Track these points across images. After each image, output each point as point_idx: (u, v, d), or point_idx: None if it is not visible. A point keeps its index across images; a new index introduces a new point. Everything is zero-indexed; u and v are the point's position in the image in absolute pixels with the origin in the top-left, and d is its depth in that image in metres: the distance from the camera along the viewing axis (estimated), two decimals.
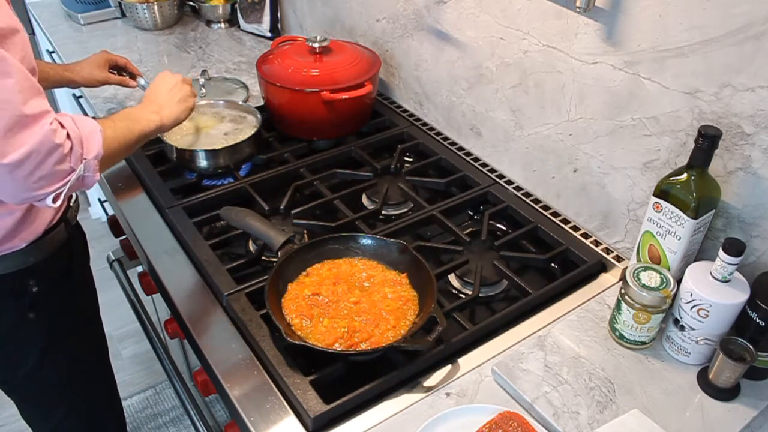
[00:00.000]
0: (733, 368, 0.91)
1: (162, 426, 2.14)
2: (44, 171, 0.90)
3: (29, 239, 1.09)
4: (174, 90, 1.23)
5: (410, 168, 1.46)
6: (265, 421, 0.92)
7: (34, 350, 1.19)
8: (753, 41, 0.89)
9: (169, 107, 1.20)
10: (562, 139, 1.25)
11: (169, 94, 1.22)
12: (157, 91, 1.22)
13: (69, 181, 0.94)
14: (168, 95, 1.21)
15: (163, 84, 1.23)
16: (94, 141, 0.97)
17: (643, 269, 0.99)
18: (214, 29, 2.16)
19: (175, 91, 1.23)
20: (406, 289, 1.07)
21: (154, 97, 1.21)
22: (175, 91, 1.22)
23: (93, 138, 0.97)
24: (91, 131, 0.98)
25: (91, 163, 0.97)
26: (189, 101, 1.25)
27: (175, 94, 1.22)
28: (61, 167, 0.92)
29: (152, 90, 1.22)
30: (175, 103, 1.21)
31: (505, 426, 0.88)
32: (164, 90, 1.22)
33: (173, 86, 1.23)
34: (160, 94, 1.21)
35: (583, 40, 1.13)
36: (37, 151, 0.88)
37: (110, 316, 1.47)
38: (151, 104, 1.19)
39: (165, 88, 1.22)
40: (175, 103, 1.21)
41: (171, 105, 1.20)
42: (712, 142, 0.93)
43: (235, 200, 1.33)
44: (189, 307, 1.11)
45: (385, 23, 1.64)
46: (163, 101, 1.20)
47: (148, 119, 1.14)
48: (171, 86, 1.23)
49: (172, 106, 1.21)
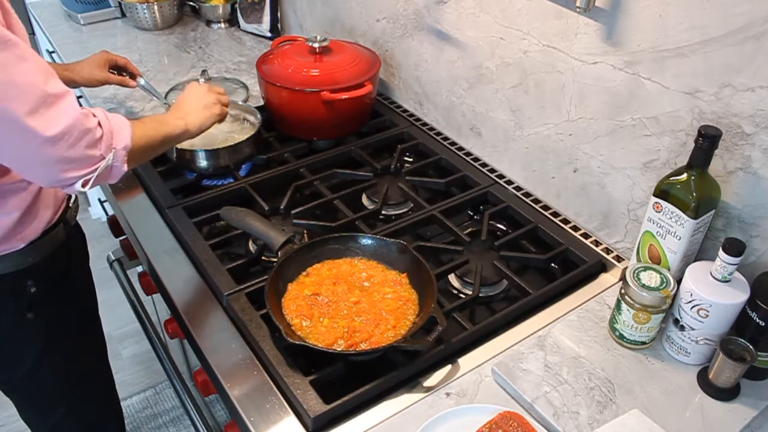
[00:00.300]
0: (733, 368, 0.91)
1: (162, 426, 2.14)
2: (77, 153, 0.92)
3: (28, 240, 1.09)
4: (200, 97, 1.26)
5: (410, 168, 1.46)
6: (265, 421, 0.92)
7: (32, 350, 1.19)
8: (753, 41, 0.89)
9: (194, 114, 1.23)
10: (562, 139, 1.25)
11: (196, 101, 1.25)
12: (185, 99, 1.26)
13: (98, 168, 0.96)
14: (194, 102, 1.25)
15: (191, 92, 1.27)
16: (124, 133, 1.01)
17: (643, 269, 0.99)
18: (214, 29, 2.16)
19: (200, 98, 1.26)
20: (406, 289, 1.07)
21: (181, 104, 1.25)
22: (201, 98, 1.26)
23: (122, 130, 1.01)
24: (121, 125, 1.01)
25: (120, 153, 0.99)
26: (215, 108, 1.27)
27: (201, 101, 1.25)
28: (91, 152, 0.95)
29: (181, 98, 1.26)
30: (200, 109, 1.24)
31: (505, 426, 0.88)
32: (192, 97, 1.26)
33: (200, 94, 1.27)
34: (187, 101, 1.25)
35: (583, 40, 1.13)
36: (70, 131, 0.90)
37: (110, 316, 1.47)
38: (178, 111, 1.22)
39: (193, 96, 1.26)
40: (200, 109, 1.24)
41: (196, 111, 1.23)
42: (712, 142, 0.93)
43: (235, 200, 1.33)
44: (189, 307, 1.11)
45: (385, 23, 1.64)
46: (190, 108, 1.24)
47: (174, 124, 1.17)
48: (198, 93, 1.27)
49: (197, 112, 1.24)
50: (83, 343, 1.31)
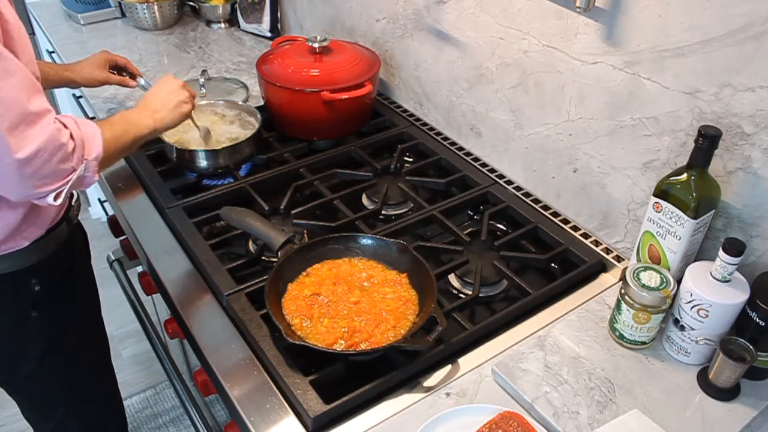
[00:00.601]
0: (733, 368, 0.91)
1: (162, 426, 2.14)
2: (49, 169, 0.92)
3: (32, 238, 1.10)
4: (171, 95, 1.24)
5: (410, 168, 1.46)
6: (265, 421, 0.92)
7: (35, 349, 1.19)
8: (753, 41, 0.89)
9: (163, 112, 1.21)
10: (562, 139, 1.25)
11: (167, 98, 1.23)
12: (155, 95, 1.23)
13: (70, 180, 0.96)
14: (164, 99, 1.23)
15: (162, 88, 1.25)
16: (95, 142, 1.00)
17: (643, 269, 0.99)
18: (214, 29, 2.16)
19: (172, 96, 1.24)
20: (406, 289, 1.07)
21: (150, 101, 1.22)
22: (172, 97, 1.23)
23: (94, 140, 1.00)
24: (93, 133, 1.01)
25: (92, 163, 0.99)
26: (184, 107, 1.25)
27: (172, 99, 1.23)
28: (64, 166, 0.94)
29: (150, 93, 1.24)
30: (170, 109, 1.22)
31: (505, 426, 0.88)
32: (162, 94, 1.23)
33: (171, 91, 1.24)
34: (157, 98, 1.23)
35: (583, 40, 1.13)
36: (44, 148, 0.90)
37: (110, 316, 1.47)
38: (146, 108, 1.20)
39: (164, 92, 1.24)
40: (170, 108, 1.22)
41: (165, 110, 1.22)
42: (712, 142, 0.93)
43: (235, 200, 1.33)
44: (189, 307, 1.11)
45: (385, 23, 1.64)
46: (159, 105, 1.21)
47: (143, 124, 1.16)
48: (169, 91, 1.24)
49: (166, 111, 1.22)
50: (86, 342, 1.31)
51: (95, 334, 1.36)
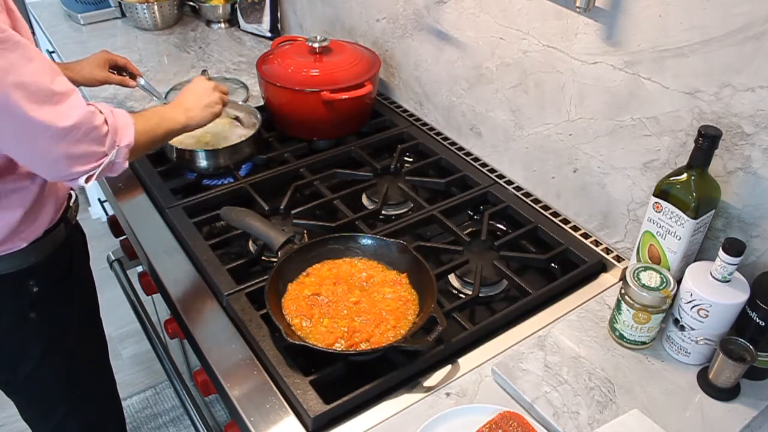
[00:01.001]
0: (733, 368, 0.91)
1: (162, 426, 2.14)
2: (83, 149, 0.95)
3: (30, 239, 1.10)
4: (203, 95, 1.28)
5: (410, 168, 1.46)
6: (265, 421, 0.92)
7: (34, 350, 1.19)
8: (753, 41, 0.89)
9: (195, 110, 1.25)
10: (562, 139, 1.25)
11: (199, 98, 1.27)
12: (189, 94, 1.28)
13: (102, 164, 0.99)
14: (197, 99, 1.27)
15: (195, 88, 1.30)
16: (128, 131, 1.03)
17: (643, 269, 0.99)
18: (214, 29, 2.16)
19: (204, 96, 1.28)
20: (406, 289, 1.07)
21: (184, 99, 1.27)
22: (204, 96, 1.28)
23: (127, 128, 1.03)
24: (126, 122, 1.04)
25: (123, 150, 1.02)
26: (215, 107, 1.29)
27: (203, 99, 1.27)
28: (97, 149, 0.97)
29: (185, 92, 1.29)
30: (202, 107, 1.26)
31: (505, 426, 0.88)
32: (195, 93, 1.28)
33: (203, 91, 1.29)
34: (191, 97, 1.27)
35: (583, 40, 1.13)
36: (79, 126, 0.93)
37: (110, 316, 1.47)
38: (180, 105, 1.24)
39: (197, 92, 1.28)
40: (201, 107, 1.26)
41: (198, 108, 1.26)
42: (712, 142, 0.93)
43: (235, 200, 1.33)
44: (189, 307, 1.11)
45: (385, 23, 1.64)
46: (192, 104, 1.26)
47: (175, 119, 1.20)
48: (201, 91, 1.29)
49: (199, 109, 1.26)
50: (85, 343, 1.31)
51: (94, 334, 1.36)
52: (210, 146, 1.42)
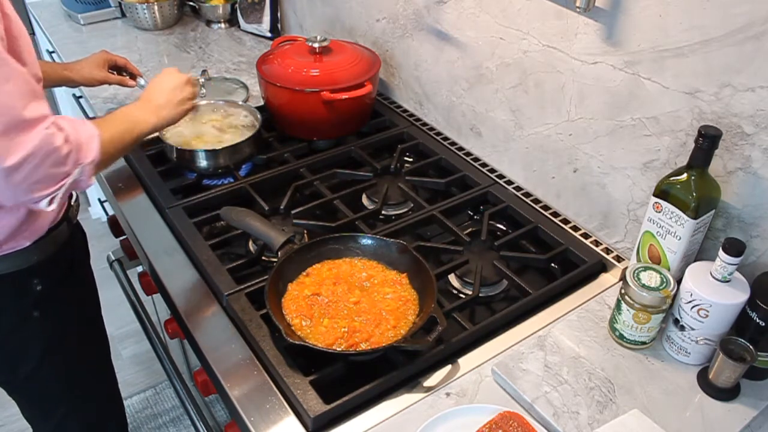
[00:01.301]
0: (733, 368, 0.91)
1: (162, 426, 2.14)
2: (40, 174, 0.91)
3: (33, 238, 1.09)
4: (176, 91, 1.21)
5: (410, 168, 1.46)
6: (265, 421, 0.92)
7: (36, 349, 1.19)
8: (753, 41, 0.89)
9: (167, 108, 1.19)
10: (562, 139, 1.25)
11: (171, 94, 1.21)
12: (159, 89, 1.20)
13: (64, 184, 0.95)
14: (169, 95, 1.20)
15: (166, 82, 1.22)
16: (92, 146, 0.98)
17: (643, 269, 0.99)
18: (214, 29, 2.16)
19: (176, 92, 1.21)
20: (406, 289, 1.07)
21: (154, 96, 1.19)
22: (177, 93, 1.21)
23: (91, 143, 0.98)
24: (90, 136, 0.98)
25: (87, 167, 0.98)
26: (187, 104, 1.24)
27: (176, 95, 1.21)
28: (57, 170, 0.93)
29: (154, 87, 1.21)
30: (174, 105, 1.21)
31: (505, 426, 0.88)
32: (166, 89, 1.21)
33: (175, 86, 1.22)
34: (161, 92, 1.20)
35: (583, 40, 1.13)
36: (34, 154, 0.88)
37: (110, 316, 1.47)
38: (150, 103, 1.18)
39: (168, 87, 1.21)
40: (174, 104, 1.21)
41: (169, 106, 1.20)
42: (712, 142, 0.93)
43: (235, 200, 1.33)
44: (189, 307, 1.11)
45: (385, 23, 1.64)
46: (163, 101, 1.19)
47: (145, 121, 1.14)
48: (173, 86, 1.22)
49: (171, 107, 1.20)
50: (86, 342, 1.31)
51: (95, 333, 1.36)
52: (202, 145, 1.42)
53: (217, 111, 1.53)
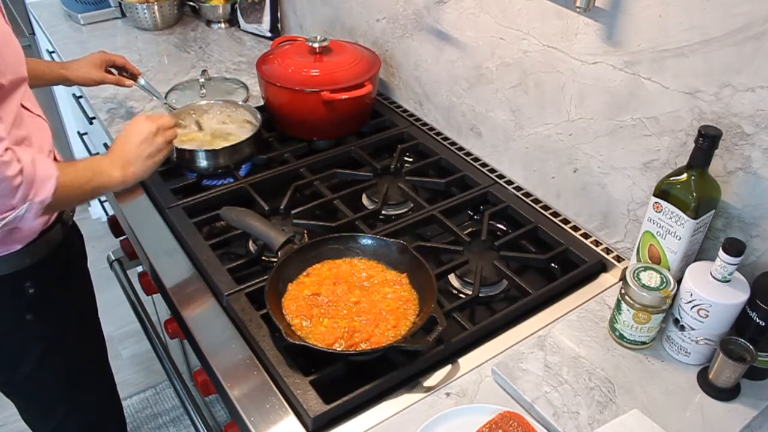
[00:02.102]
0: (733, 368, 0.91)
1: (162, 426, 2.14)
2: None
3: (25, 241, 1.09)
4: (143, 145, 1.12)
5: (410, 168, 1.45)
6: (265, 421, 0.92)
7: (33, 351, 1.19)
8: (753, 41, 0.89)
9: (135, 165, 1.11)
10: (562, 139, 1.25)
11: (139, 148, 1.12)
12: (127, 145, 1.12)
13: (5, 218, 0.92)
14: (138, 149, 1.12)
15: (134, 134, 1.13)
16: (46, 186, 0.95)
17: (643, 269, 0.99)
18: (214, 29, 2.16)
19: (144, 146, 1.12)
20: (406, 289, 1.07)
21: (123, 151, 1.11)
22: (145, 147, 1.13)
23: (46, 183, 0.95)
24: (47, 176, 0.95)
25: (35, 205, 0.95)
26: (158, 156, 1.15)
27: (146, 149, 1.13)
28: (3, 201, 0.91)
29: (123, 141, 1.12)
30: (143, 159, 1.12)
31: (505, 426, 0.88)
32: (135, 142, 1.12)
33: (144, 139, 1.13)
34: (130, 146, 1.11)
35: (583, 40, 1.13)
36: None
37: (110, 316, 1.47)
38: (118, 158, 1.10)
39: (136, 140, 1.12)
40: (143, 159, 1.12)
41: (138, 162, 1.11)
42: (712, 142, 0.93)
43: (235, 200, 1.33)
44: (189, 307, 1.11)
45: (385, 23, 1.64)
46: (132, 156, 1.11)
47: (110, 174, 1.08)
48: (142, 139, 1.12)
49: (139, 163, 1.12)
50: (83, 343, 1.31)
51: (93, 334, 1.36)
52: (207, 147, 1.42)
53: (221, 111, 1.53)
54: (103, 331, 1.40)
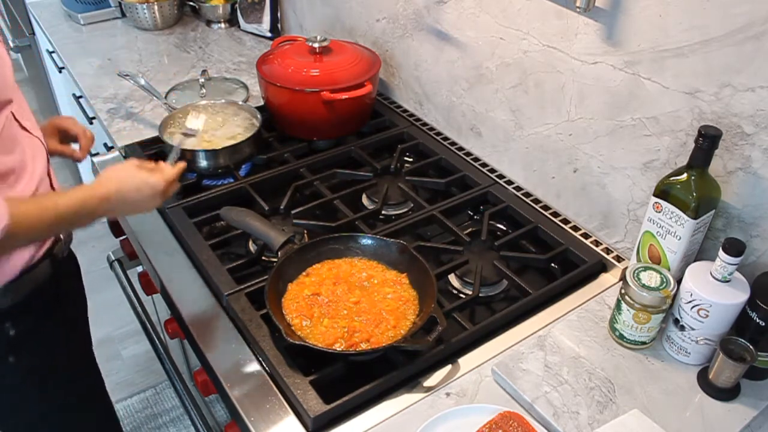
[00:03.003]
0: (733, 368, 0.91)
1: (162, 426, 2.14)
2: None
3: (3, 280, 0.99)
4: (151, 202, 1.03)
5: (410, 168, 1.46)
6: (265, 421, 0.92)
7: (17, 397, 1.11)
8: (753, 41, 0.89)
9: (125, 207, 1.02)
10: (562, 139, 1.25)
11: (142, 204, 1.03)
12: (129, 194, 1.00)
13: None
14: (139, 206, 1.03)
15: (139, 192, 1.01)
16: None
17: (643, 269, 0.99)
18: (214, 29, 2.16)
19: (148, 202, 1.03)
20: (406, 289, 1.07)
21: (124, 204, 1.00)
22: (148, 202, 1.03)
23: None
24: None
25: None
26: (152, 203, 1.04)
27: (146, 205, 1.03)
28: None
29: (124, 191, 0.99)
30: (134, 209, 1.04)
31: (505, 426, 0.88)
32: (138, 198, 1.01)
33: (151, 196, 1.03)
34: (132, 200, 1.01)
35: (583, 40, 1.13)
36: None
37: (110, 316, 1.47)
38: (109, 201, 0.98)
39: (140, 195, 1.01)
40: (135, 209, 1.04)
41: (129, 211, 1.04)
42: (712, 142, 0.93)
43: (235, 200, 1.33)
44: (189, 307, 1.11)
45: (385, 23, 1.64)
46: (128, 209, 1.05)
47: (79, 222, 0.96)
48: (149, 195, 1.02)
49: (129, 210, 1.04)
50: (75, 381, 1.22)
51: (86, 375, 1.27)
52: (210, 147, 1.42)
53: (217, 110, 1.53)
54: (103, 332, 1.38)
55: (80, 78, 1.82)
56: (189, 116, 1.43)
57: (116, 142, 1.53)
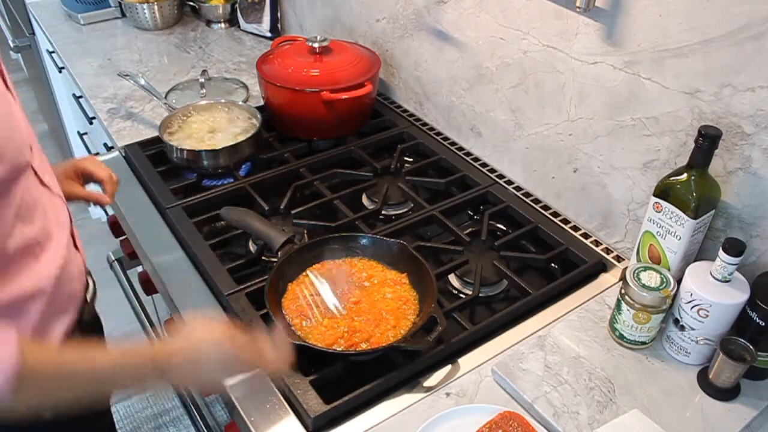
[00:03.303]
0: (733, 368, 0.91)
1: (162, 426, 2.14)
2: None
3: None
4: (223, 372, 0.86)
5: (410, 168, 1.46)
6: (265, 421, 0.92)
7: None
8: (753, 41, 0.89)
9: (202, 377, 0.83)
10: (562, 139, 1.25)
11: (217, 374, 0.85)
12: (204, 358, 0.81)
13: None
14: (213, 376, 0.84)
15: (214, 353, 0.81)
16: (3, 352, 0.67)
17: (643, 269, 0.99)
18: (214, 29, 2.16)
19: (225, 367, 0.84)
20: (406, 289, 1.07)
21: (195, 363, 0.80)
22: (225, 368, 0.85)
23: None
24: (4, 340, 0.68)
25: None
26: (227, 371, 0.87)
27: (219, 376, 0.87)
28: None
29: (200, 349, 0.81)
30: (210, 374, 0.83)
31: (505, 426, 0.88)
32: (213, 359, 0.81)
33: (226, 364, 0.83)
34: (205, 362, 0.81)
35: (583, 40, 1.13)
36: None
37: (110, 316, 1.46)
38: (180, 373, 0.81)
39: (216, 361, 0.82)
40: (210, 373, 0.83)
41: (206, 375, 0.82)
42: (712, 142, 0.93)
43: (235, 200, 1.33)
44: (189, 307, 1.11)
45: (385, 23, 1.64)
46: (199, 381, 0.85)
47: (122, 385, 0.81)
48: (226, 363, 0.83)
49: (206, 375, 0.82)
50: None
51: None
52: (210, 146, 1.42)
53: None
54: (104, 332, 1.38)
55: (80, 78, 1.82)
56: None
57: (116, 142, 1.53)
